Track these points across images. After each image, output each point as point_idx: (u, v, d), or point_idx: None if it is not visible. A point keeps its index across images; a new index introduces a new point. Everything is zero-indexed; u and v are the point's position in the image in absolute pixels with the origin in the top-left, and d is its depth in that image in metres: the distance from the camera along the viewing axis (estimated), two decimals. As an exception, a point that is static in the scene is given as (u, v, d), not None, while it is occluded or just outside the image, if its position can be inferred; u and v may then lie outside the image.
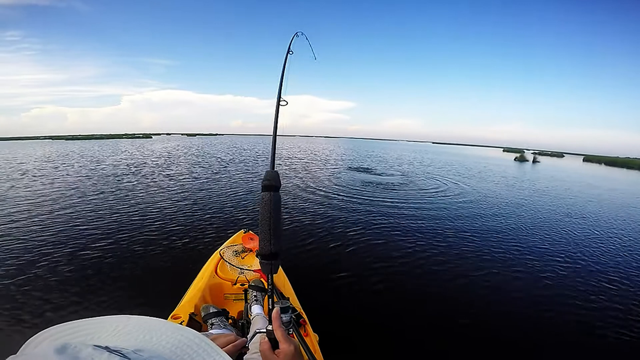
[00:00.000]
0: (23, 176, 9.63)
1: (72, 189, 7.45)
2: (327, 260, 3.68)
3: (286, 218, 5.24)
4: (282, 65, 1.51)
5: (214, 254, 2.25)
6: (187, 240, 4.11)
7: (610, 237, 5.14)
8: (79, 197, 6.50)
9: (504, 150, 63.62)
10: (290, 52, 1.57)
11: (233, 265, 1.95)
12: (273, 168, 1.14)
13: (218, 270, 2.00)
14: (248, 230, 2.70)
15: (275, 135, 1.28)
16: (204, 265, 2.15)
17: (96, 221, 4.81)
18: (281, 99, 1.36)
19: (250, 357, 0.94)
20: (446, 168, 16.29)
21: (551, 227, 5.59)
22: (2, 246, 3.80)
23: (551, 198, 8.67)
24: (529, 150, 59.84)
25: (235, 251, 2.19)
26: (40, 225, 4.61)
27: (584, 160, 40.38)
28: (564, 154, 63.50)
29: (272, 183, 1.02)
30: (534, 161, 26.65)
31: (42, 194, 6.79)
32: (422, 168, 15.52)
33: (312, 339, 1.53)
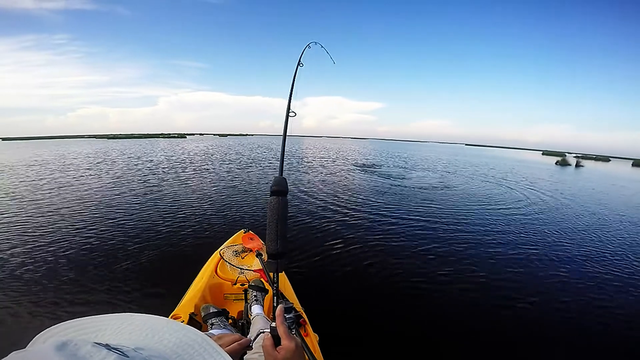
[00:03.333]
0: (63, 172, 10.45)
1: (83, 187, 7.62)
2: (328, 260, 3.67)
3: (290, 218, 5.21)
4: (292, 77, 1.52)
5: (214, 254, 2.26)
6: (187, 240, 4.13)
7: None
8: (90, 196, 6.64)
9: (543, 154, 59.60)
10: (301, 65, 1.59)
11: (233, 265, 1.96)
12: (281, 174, 1.20)
13: (218, 270, 2.02)
14: (248, 230, 2.69)
15: (284, 144, 1.35)
16: (204, 265, 2.17)
17: (99, 220, 4.90)
18: (290, 111, 1.40)
19: (250, 357, 0.97)
20: (470, 169, 15.72)
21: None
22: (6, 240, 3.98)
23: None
24: (570, 153, 55.65)
25: (235, 251, 2.20)
26: (35, 222, 4.75)
27: (632, 165, 37.71)
28: (610, 158, 58.49)
29: (280, 188, 1.09)
30: (577, 165, 24.54)
31: (45, 192, 6.96)
32: (446, 170, 14.90)
33: (313, 339, 1.53)
